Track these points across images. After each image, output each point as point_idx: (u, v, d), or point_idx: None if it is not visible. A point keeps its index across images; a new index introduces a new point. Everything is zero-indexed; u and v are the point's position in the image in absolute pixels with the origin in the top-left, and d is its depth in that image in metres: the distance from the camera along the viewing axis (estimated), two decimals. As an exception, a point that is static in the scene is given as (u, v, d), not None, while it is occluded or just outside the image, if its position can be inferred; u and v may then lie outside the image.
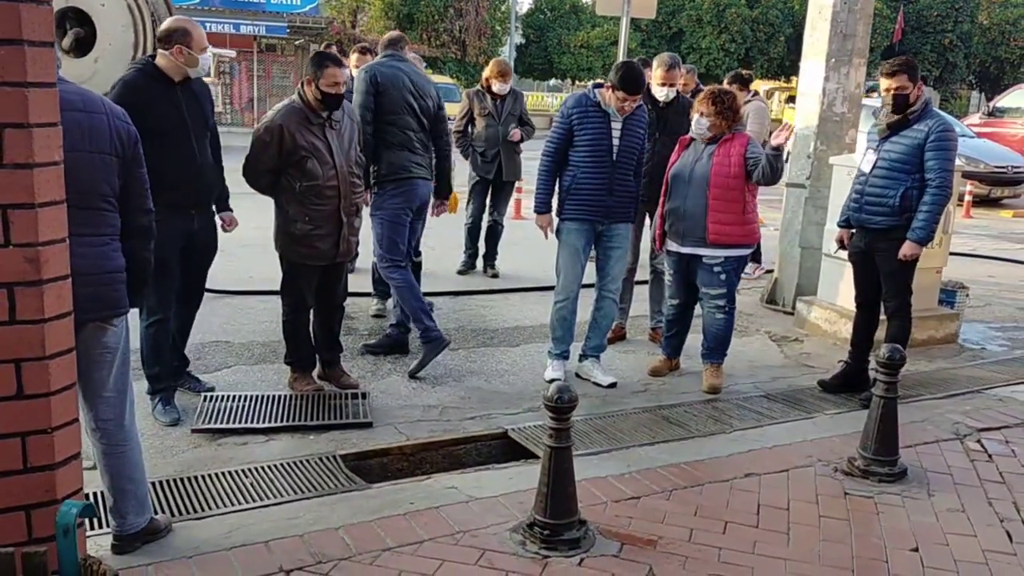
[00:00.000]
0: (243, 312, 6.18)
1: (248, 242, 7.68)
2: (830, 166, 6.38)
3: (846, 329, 6.09)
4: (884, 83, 4.61)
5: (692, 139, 4.99)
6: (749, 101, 8.23)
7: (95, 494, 3.19)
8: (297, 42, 27.58)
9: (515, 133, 7.52)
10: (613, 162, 4.83)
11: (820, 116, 6.66)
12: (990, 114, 18.02)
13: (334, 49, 7.55)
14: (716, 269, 4.92)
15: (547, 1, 33.99)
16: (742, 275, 5.21)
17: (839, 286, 6.20)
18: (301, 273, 4.56)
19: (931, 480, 3.81)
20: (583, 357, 5.18)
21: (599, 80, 5.11)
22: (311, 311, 4.72)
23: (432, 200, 5.56)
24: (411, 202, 5.26)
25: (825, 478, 3.81)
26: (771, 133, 5.25)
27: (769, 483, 3.73)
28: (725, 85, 8.60)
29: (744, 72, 9.18)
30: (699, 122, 4.86)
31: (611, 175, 4.84)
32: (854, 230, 5.01)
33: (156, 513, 3.14)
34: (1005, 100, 18.55)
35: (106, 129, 2.71)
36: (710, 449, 4.08)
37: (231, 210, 4.63)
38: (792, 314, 6.67)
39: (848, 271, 6.10)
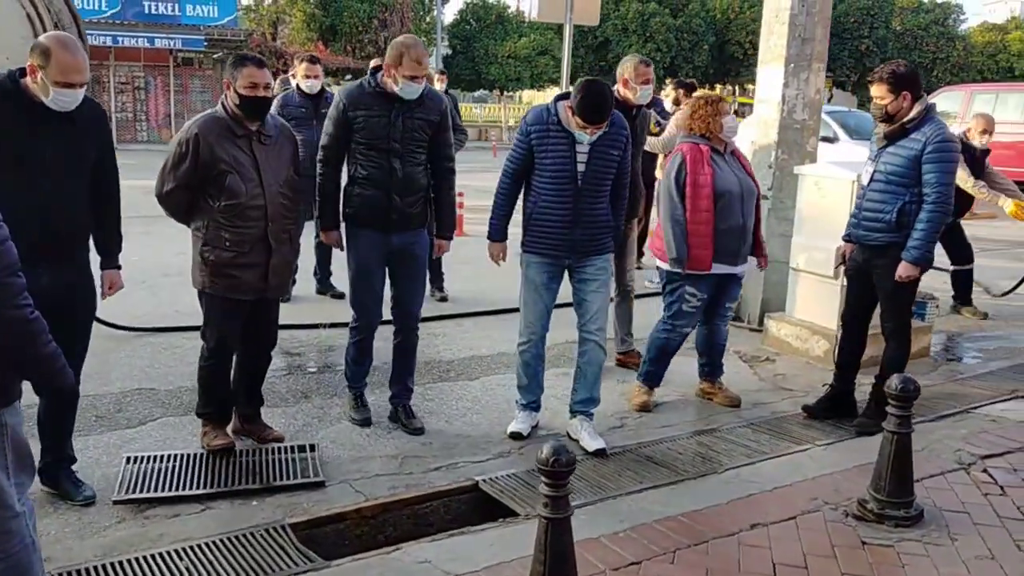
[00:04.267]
0: (168, 352, 5.53)
1: (171, 271, 7.03)
2: (793, 176, 6.11)
3: (818, 347, 5.83)
4: (871, 91, 4.32)
5: (713, 148, 4.64)
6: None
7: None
8: (216, 56, 26.61)
9: None
10: (578, 189, 4.11)
11: (780, 124, 6.39)
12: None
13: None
14: (741, 278, 4.95)
15: (473, 11, 33.62)
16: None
17: (808, 301, 5.92)
18: (225, 310, 3.90)
19: (949, 521, 3.48)
20: (573, 414, 4.45)
21: (562, 92, 4.56)
22: (234, 357, 4.10)
23: None
24: None
25: (837, 524, 3.44)
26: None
27: (779, 534, 3.34)
28: (671, 91, 8.53)
29: (687, 80, 9.26)
30: (732, 119, 4.68)
31: (575, 205, 4.13)
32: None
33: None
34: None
35: None
36: (707, 495, 3.68)
37: (118, 267, 3.74)
38: (759, 331, 6.36)
39: (817, 286, 5.84)
